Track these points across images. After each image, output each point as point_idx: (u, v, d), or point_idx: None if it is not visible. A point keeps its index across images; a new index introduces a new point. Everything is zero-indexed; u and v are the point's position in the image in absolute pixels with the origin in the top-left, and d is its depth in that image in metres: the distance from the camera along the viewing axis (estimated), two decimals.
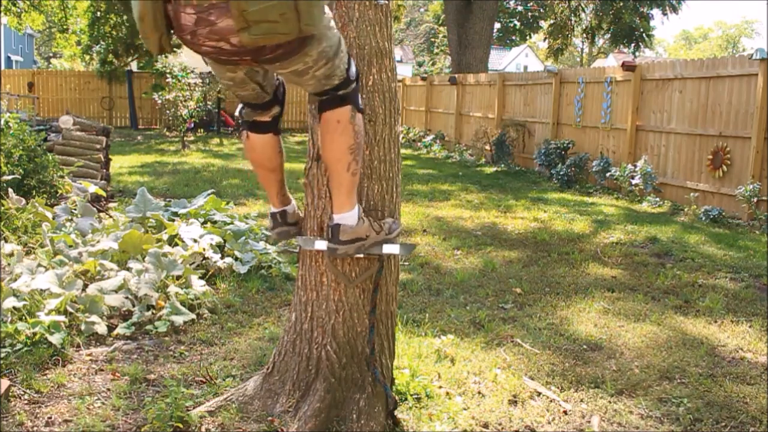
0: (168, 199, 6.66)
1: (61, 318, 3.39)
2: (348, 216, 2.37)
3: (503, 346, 3.63)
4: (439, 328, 3.83)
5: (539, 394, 3.06)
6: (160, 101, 15.04)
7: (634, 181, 9.00)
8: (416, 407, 2.83)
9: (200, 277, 4.29)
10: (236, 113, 2.48)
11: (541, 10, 28.28)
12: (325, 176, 2.52)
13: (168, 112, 15.05)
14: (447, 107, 15.87)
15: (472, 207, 8.03)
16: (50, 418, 2.67)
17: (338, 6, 2.45)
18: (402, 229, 2.73)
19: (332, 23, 2.13)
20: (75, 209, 5.55)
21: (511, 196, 9.04)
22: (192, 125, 15.35)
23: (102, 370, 3.14)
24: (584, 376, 3.28)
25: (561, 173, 10.32)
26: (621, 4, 19.68)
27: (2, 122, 6.32)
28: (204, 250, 4.60)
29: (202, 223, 5.29)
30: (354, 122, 2.26)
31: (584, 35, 23.14)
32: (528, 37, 34.50)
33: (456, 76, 15.41)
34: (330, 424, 2.53)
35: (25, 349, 3.21)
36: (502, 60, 51.56)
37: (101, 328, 3.52)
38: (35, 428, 2.60)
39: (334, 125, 2.26)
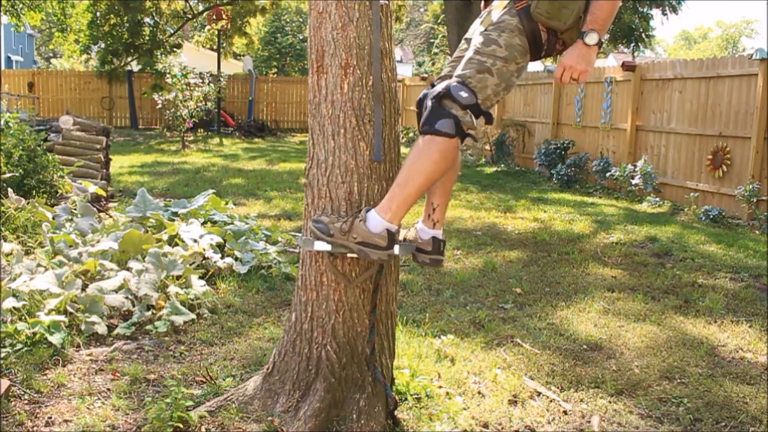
0: (168, 199, 6.66)
1: (61, 318, 3.38)
2: None
3: (503, 346, 3.63)
4: (439, 328, 3.83)
5: (539, 394, 3.07)
6: (160, 101, 15.03)
7: (634, 181, 9.01)
8: (416, 407, 2.83)
9: (200, 277, 4.29)
10: (471, 123, 2.36)
11: None
12: (325, 176, 2.53)
13: (168, 112, 15.05)
14: None
15: (472, 207, 8.03)
16: (50, 418, 2.67)
17: (338, 6, 2.45)
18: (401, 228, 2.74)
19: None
20: (75, 209, 5.54)
21: (511, 196, 9.04)
22: (192, 125, 15.33)
23: (102, 370, 3.14)
24: (584, 376, 3.28)
25: (561, 173, 10.32)
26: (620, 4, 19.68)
27: (2, 122, 6.32)
28: (204, 250, 4.60)
29: (202, 223, 5.28)
30: None
31: None
32: None
33: None
34: (330, 424, 2.53)
35: (25, 349, 3.21)
36: None
37: (101, 328, 3.52)
38: (35, 428, 2.60)
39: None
